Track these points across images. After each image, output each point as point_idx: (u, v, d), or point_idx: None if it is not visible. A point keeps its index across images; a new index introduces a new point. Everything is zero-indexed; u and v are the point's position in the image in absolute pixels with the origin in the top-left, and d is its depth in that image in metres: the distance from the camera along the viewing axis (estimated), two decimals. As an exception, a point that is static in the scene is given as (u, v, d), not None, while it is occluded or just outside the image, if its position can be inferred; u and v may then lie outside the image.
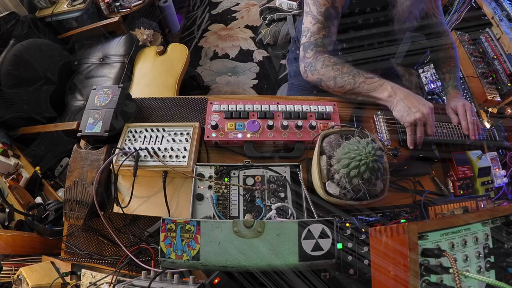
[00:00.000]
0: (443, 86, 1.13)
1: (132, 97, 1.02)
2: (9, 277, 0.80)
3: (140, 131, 0.89)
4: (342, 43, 1.00)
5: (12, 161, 1.38)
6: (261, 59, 2.53)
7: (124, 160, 0.83)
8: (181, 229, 0.54)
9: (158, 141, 0.87)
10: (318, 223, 0.55)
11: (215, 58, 2.58)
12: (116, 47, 1.87)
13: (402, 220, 0.75)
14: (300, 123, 0.87)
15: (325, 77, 0.91)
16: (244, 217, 0.73)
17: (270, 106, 0.92)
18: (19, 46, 1.62)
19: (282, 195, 0.76)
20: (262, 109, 0.92)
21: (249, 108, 0.92)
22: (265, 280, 0.62)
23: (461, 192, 0.88)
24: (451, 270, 0.40)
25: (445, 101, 1.05)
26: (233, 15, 2.85)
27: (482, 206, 0.83)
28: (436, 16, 1.06)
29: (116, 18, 1.95)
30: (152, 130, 0.89)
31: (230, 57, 2.57)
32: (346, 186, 0.67)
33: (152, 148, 0.85)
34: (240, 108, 0.91)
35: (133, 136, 0.88)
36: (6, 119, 1.57)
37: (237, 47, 2.63)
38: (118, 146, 0.86)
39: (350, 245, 0.64)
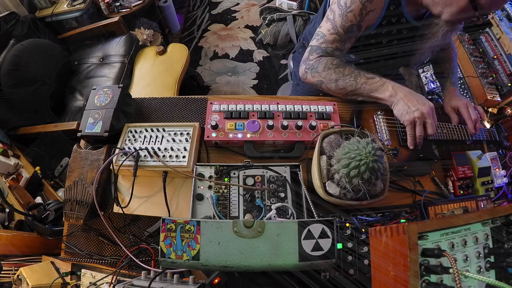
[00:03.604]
0: (439, 82, 1.13)
1: (132, 97, 1.02)
2: (9, 277, 0.80)
3: (140, 131, 0.89)
4: (360, 58, 1.00)
5: (12, 161, 1.38)
6: (261, 59, 2.54)
7: (124, 160, 0.83)
8: (181, 229, 0.54)
9: (158, 141, 0.87)
10: (318, 223, 0.55)
11: (215, 58, 2.58)
12: (116, 47, 1.87)
13: (402, 220, 0.75)
14: (300, 123, 0.86)
15: (326, 79, 0.90)
16: (244, 217, 0.73)
17: (270, 106, 0.92)
18: (19, 46, 1.62)
19: (282, 195, 0.76)
20: (262, 109, 0.92)
21: (249, 108, 0.92)
22: (265, 280, 0.62)
23: (461, 192, 0.88)
24: (451, 270, 0.40)
25: (444, 98, 1.04)
26: (233, 15, 2.85)
27: (482, 206, 0.83)
28: None
29: (116, 18, 1.95)
30: (152, 130, 0.89)
31: (230, 57, 2.57)
32: (346, 186, 0.67)
33: (152, 148, 0.85)
34: (240, 108, 0.91)
35: (133, 136, 0.88)
36: (6, 119, 1.57)
37: (237, 47, 2.63)
38: (118, 146, 0.86)
39: (350, 245, 0.64)
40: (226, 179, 0.79)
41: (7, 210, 1.12)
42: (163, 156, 0.84)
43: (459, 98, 0.97)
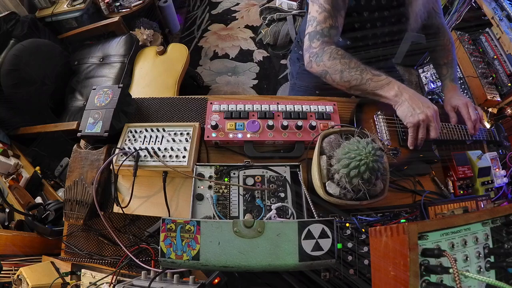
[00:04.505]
0: (440, 79, 1.10)
1: (132, 97, 1.02)
2: (9, 277, 0.80)
3: (140, 131, 0.89)
4: (347, 40, 0.99)
5: (12, 161, 1.38)
6: (261, 59, 2.53)
7: (124, 160, 0.83)
8: (181, 229, 0.54)
9: (158, 141, 0.87)
10: (318, 223, 0.55)
11: (215, 58, 2.58)
12: (116, 47, 1.87)
13: (402, 220, 0.75)
14: (300, 123, 0.87)
15: (331, 69, 0.88)
16: (244, 217, 0.73)
17: (270, 106, 0.92)
18: (19, 46, 1.62)
19: (282, 195, 0.76)
20: (262, 109, 0.92)
21: (249, 108, 0.92)
22: (265, 280, 0.62)
23: (461, 192, 0.88)
24: (451, 270, 0.40)
25: (444, 95, 1.03)
26: (233, 15, 2.85)
27: (482, 206, 0.82)
28: (436, 11, 1.06)
29: (116, 18, 1.96)
30: (152, 130, 0.89)
31: (230, 57, 2.57)
32: (346, 186, 0.67)
33: (152, 148, 0.85)
34: (240, 108, 0.91)
35: (133, 136, 0.88)
36: (6, 119, 1.57)
37: (237, 47, 2.63)
38: (118, 146, 0.86)
39: (350, 245, 0.64)
40: (226, 179, 0.79)
41: (7, 210, 1.12)
42: (163, 156, 0.84)
43: (459, 97, 0.96)
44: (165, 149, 0.85)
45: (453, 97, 0.98)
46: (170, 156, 0.84)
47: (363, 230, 0.65)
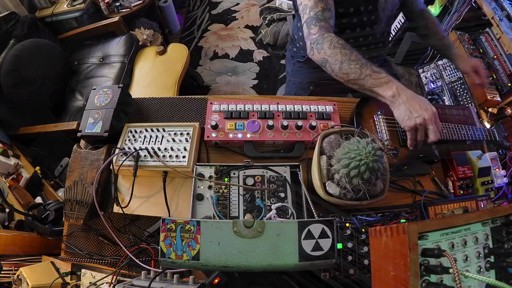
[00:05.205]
0: (444, 51, 1.19)
1: (132, 97, 1.02)
2: (9, 277, 0.80)
3: (140, 131, 0.89)
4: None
5: (12, 161, 1.38)
6: (261, 59, 2.53)
7: (124, 160, 0.83)
8: (181, 229, 0.54)
9: (158, 141, 0.87)
10: (318, 223, 0.55)
11: (215, 58, 2.58)
12: (116, 47, 1.87)
13: (402, 220, 0.75)
14: (300, 123, 0.87)
15: (331, 59, 0.86)
16: (244, 217, 0.73)
17: (270, 106, 0.92)
18: (19, 46, 1.62)
19: (282, 195, 0.76)
20: (262, 109, 0.92)
21: (249, 108, 0.92)
22: (265, 280, 0.62)
23: (461, 192, 0.88)
24: (451, 270, 0.40)
25: (457, 61, 1.13)
26: (233, 15, 2.85)
27: (482, 206, 0.82)
28: None
29: (116, 18, 1.96)
30: (152, 130, 0.89)
31: (230, 57, 2.57)
32: (346, 186, 0.67)
33: (152, 148, 0.85)
34: (240, 108, 0.91)
35: (133, 136, 0.88)
36: (7, 119, 1.57)
37: (237, 47, 2.63)
38: (118, 146, 0.86)
39: (350, 245, 0.64)
40: (226, 179, 0.79)
41: (7, 210, 1.12)
42: (163, 156, 0.84)
43: (473, 59, 1.07)
44: (165, 149, 0.85)
45: (468, 60, 1.09)
46: (170, 156, 0.84)
47: (363, 230, 0.65)
